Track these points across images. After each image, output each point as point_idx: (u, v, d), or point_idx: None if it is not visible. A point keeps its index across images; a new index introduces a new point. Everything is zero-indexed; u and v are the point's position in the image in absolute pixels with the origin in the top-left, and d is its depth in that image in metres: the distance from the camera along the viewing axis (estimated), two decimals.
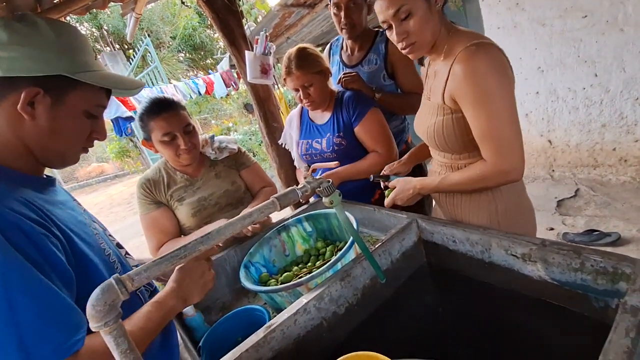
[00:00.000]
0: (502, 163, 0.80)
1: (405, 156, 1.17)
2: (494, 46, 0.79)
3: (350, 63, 1.47)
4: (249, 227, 1.14)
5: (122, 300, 0.35)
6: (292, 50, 1.24)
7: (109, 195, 10.09)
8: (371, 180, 1.11)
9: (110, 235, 0.73)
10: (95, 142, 0.68)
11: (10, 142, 0.56)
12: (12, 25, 0.55)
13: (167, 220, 1.22)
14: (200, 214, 1.23)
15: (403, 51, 0.87)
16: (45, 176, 0.65)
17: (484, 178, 0.84)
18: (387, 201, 1.05)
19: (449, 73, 0.82)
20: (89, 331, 0.50)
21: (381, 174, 1.14)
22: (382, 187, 1.12)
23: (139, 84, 0.70)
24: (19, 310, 0.44)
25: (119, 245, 0.74)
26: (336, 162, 0.99)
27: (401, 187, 1.01)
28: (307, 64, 1.22)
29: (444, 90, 0.85)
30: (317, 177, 0.70)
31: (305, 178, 0.60)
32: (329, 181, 0.60)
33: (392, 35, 0.85)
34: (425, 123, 0.93)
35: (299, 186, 0.57)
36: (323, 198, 0.61)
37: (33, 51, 0.55)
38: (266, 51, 1.44)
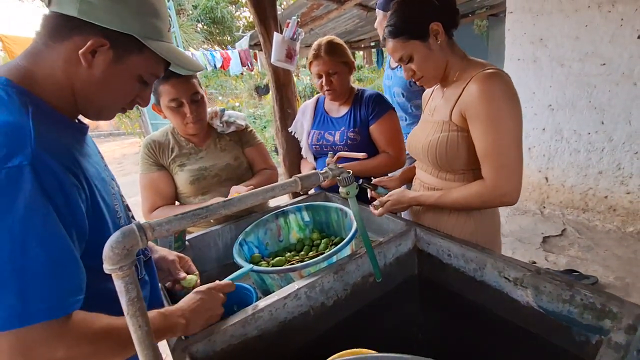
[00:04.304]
0: (502, 184, 0.83)
1: (398, 174, 1.19)
2: (507, 75, 0.84)
3: (392, 66, 1.66)
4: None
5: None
6: (323, 38, 1.28)
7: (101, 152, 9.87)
8: (359, 183, 1.12)
9: (122, 195, 0.71)
10: None
11: (59, 80, 0.55)
12: None
13: (164, 184, 1.22)
14: (199, 182, 1.22)
15: (417, 83, 0.96)
16: (77, 121, 0.63)
17: (481, 197, 0.86)
18: (379, 211, 1.03)
19: (462, 92, 0.86)
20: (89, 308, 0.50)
21: (372, 182, 1.17)
22: (368, 196, 1.15)
23: (199, 67, 0.70)
24: (29, 257, 0.43)
25: (127, 208, 0.72)
26: (364, 153, 0.99)
27: (397, 197, 1.01)
28: (336, 52, 1.26)
29: (453, 107, 0.88)
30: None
31: (328, 164, 0.60)
32: (349, 172, 0.61)
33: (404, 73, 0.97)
34: (425, 138, 0.95)
35: (321, 171, 0.57)
36: (340, 188, 0.62)
37: (114, 5, 0.54)
38: (295, 36, 1.44)
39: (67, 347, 0.45)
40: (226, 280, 0.76)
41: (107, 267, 0.34)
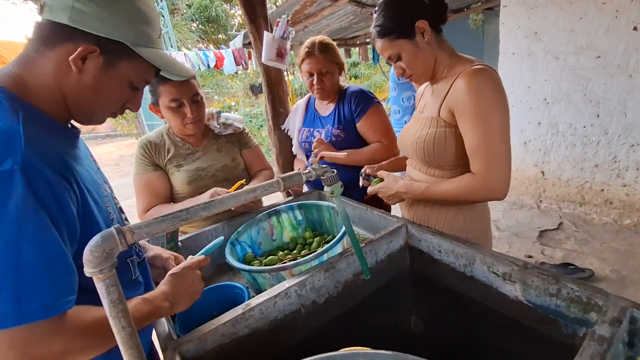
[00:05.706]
0: (491, 178, 0.83)
1: (387, 161, 1.19)
2: (494, 70, 0.85)
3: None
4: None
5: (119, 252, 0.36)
6: (316, 37, 1.30)
7: (97, 154, 9.72)
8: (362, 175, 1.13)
9: (115, 198, 0.72)
10: None
11: (50, 86, 0.56)
12: None
13: (161, 184, 1.22)
14: (196, 183, 1.23)
15: (408, 80, 0.98)
16: (70, 126, 0.64)
17: (470, 190, 0.86)
18: (370, 189, 1.07)
19: (450, 88, 0.87)
20: (84, 302, 0.52)
21: (366, 172, 1.15)
22: (360, 184, 1.15)
23: (188, 73, 0.71)
24: (24, 261, 0.44)
25: (121, 210, 0.73)
26: (345, 152, 1.00)
27: (387, 183, 1.03)
28: (329, 51, 1.28)
29: (442, 103, 0.89)
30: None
31: (312, 164, 0.61)
32: (333, 171, 0.61)
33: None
34: (414, 134, 0.96)
35: (304, 170, 0.58)
36: (325, 187, 0.62)
37: (106, 13, 0.55)
38: (285, 35, 1.44)
39: (62, 342, 0.47)
40: (199, 256, 0.77)
41: (87, 270, 0.35)
